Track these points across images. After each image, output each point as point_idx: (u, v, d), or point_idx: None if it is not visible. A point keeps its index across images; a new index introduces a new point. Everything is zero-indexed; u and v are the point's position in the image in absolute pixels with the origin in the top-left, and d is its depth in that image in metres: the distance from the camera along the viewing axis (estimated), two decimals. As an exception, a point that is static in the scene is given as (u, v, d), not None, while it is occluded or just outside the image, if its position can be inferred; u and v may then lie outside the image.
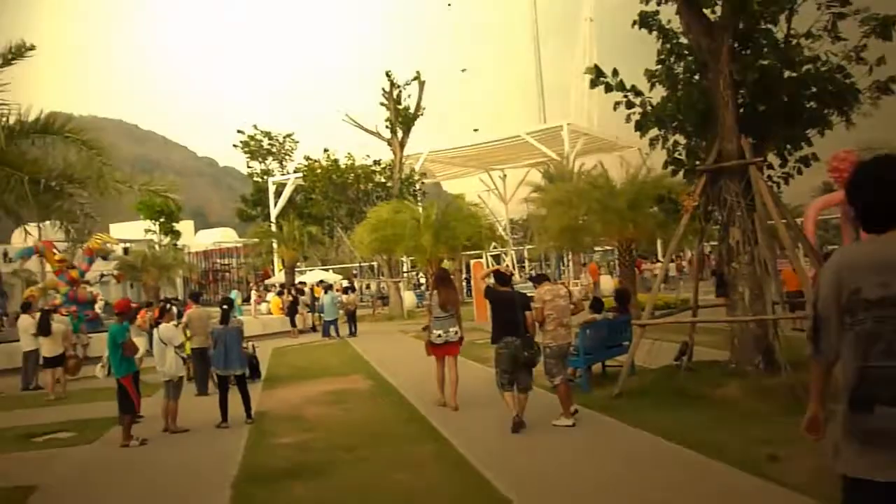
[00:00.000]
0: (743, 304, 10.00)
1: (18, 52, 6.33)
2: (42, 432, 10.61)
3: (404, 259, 37.96)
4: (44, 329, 14.38)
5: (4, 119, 6.42)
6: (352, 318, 24.59)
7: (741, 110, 10.37)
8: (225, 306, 11.01)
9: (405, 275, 40.24)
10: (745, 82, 10.27)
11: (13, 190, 6.07)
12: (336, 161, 36.62)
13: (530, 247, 47.79)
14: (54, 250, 25.03)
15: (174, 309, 13.59)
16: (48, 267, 27.81)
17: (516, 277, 34.04)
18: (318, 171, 36.89)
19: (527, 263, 54.23)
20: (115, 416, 9.81)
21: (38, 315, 15.35)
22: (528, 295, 9.46)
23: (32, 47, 6.33)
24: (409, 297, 34.19)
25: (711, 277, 23.25)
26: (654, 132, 11.33)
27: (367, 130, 35.86)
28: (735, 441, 7.24)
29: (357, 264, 47.14)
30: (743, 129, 10.13)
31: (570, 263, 38.10)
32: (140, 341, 12.46)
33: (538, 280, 9.58)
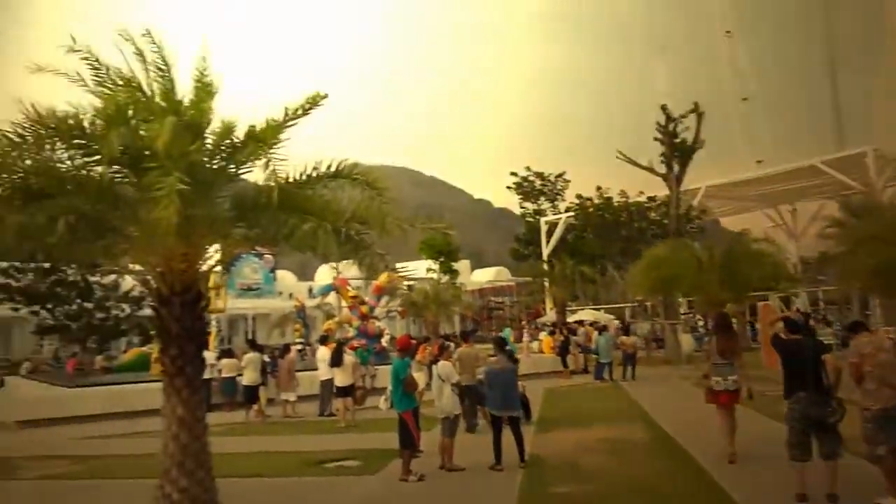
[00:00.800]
0: None
1: (314, 102, 6.78)
2: (332, 459, 11.27)
3: (681, 300, 35.99)
4: (336, 360, 15.51)
5: (303, 168, 6.96)
6: (630, 360, 23.56)
7: None
8: (507, 347, 11.00)
9: (682, 316, 38.12)
10: None
11: (318, 237, 6.47)
12: (609, 199, 35.96)
13: (826, 288, 42.87)
14: (348, 287, 27.45)
15: (452, 346, 13.93)
16: (343, 302, 30.50)
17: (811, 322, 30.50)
18: (590, 209, 36.49)
19: (822, 306, 48.70)
20: (397, 448, 10.08)
21: (333, 346, 16.69)
22: (826, 343, 8.20)
23: (326, 95, 6.77)
24: (686, 341, 32.21)
25: None
26: None
27: (640, 166, 34.82)
28: None
29: (630, 304, 45.71)
30: None
31: (878, 308, 33.36)
32: (420, 376, 12.88)
33: (854, 329, 8.19)
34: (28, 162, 6.04)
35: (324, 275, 49.10)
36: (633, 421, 14.21)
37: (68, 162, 6.50)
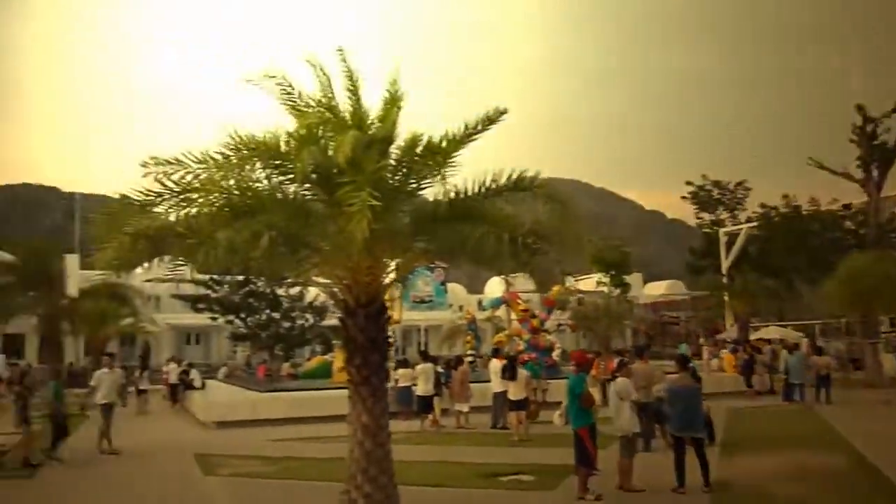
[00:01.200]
0: None
1: (495, 117, 6.82)
2: (507, 472, 11.22)
3: (883, 317, 32.76)
4: (510, 374, 15.51)
5: (483, 180, 7.01)
6: (824, 382, 21.68)
7: None
8: (689, 364, 10.50)
9: (884, 335, 34.66)
10: None
11: (491, 246, 6.49)
12: (797, 207, 33.54)
13: None
14: (518, 300, 27.44)
15: (627, 361, 13.50)
16: (514, 315, 30.53)
17: None
18: (776, 218, 34.20)
19: None
20: (572, 465, 9.85)
21: (505, 360, 16.72)
22: None
23: (506, 111, 6.79)
24: (888, 362, 29.21)
25: None
26: None
27: (835, 172, 32.13)
28: None
29: (819, 321, 42.24)
30: None
31: None
32: (593, 392, 12.57)
33: None
34: (231, 182, 6.53)
35: (494, 287, 49.51)
36: (829, 446, 13.10)
37: (265, 181, 6.97)
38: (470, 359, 28.41)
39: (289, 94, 7.33)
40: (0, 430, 15.09)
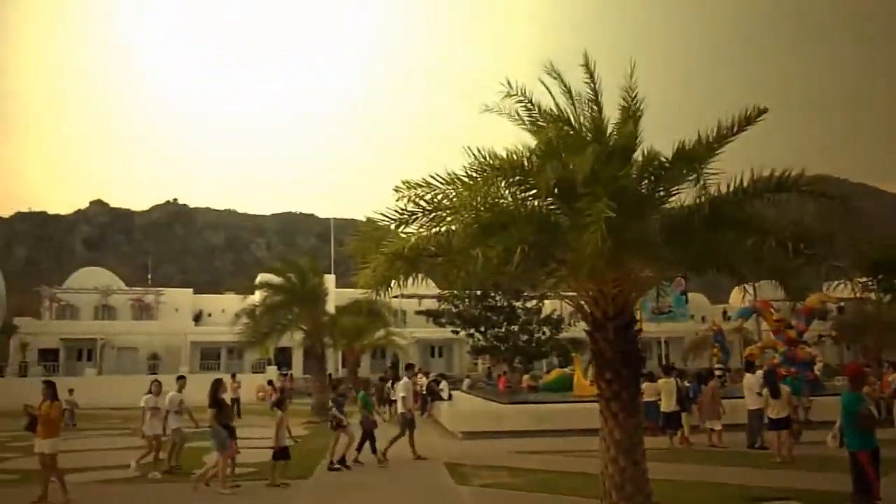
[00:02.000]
0: None
1: (753, 117, 6.38)
2: (770, 496, 10.38)
3: None
4: (774, 390, 14.37)
5: (739, 181, 6.56)
6: None
7: None
8: None
9: None
10: None
11: (764, 253, 6.07)
12: None
13: None
14: (771, 310, 25.45)
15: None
16: (764, 326, 28.37)
17: None
18: None
19: None
20: (845, 491, 8.84)
21: (760, 374, 15.55)
22: None
23: (766, 110, 6.30)
24: None
25: None
26: None
27: None
28: None
29: None
30: None
31: None
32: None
33: None
34: (478, 199, 6.73)
35: (739, 297, 46.47)
36: None
37: (509, 198, 7.10)
38: (718, 372, 26.85)
39: (529, 110, 7.42)
40: (259, 434, 16.62)
